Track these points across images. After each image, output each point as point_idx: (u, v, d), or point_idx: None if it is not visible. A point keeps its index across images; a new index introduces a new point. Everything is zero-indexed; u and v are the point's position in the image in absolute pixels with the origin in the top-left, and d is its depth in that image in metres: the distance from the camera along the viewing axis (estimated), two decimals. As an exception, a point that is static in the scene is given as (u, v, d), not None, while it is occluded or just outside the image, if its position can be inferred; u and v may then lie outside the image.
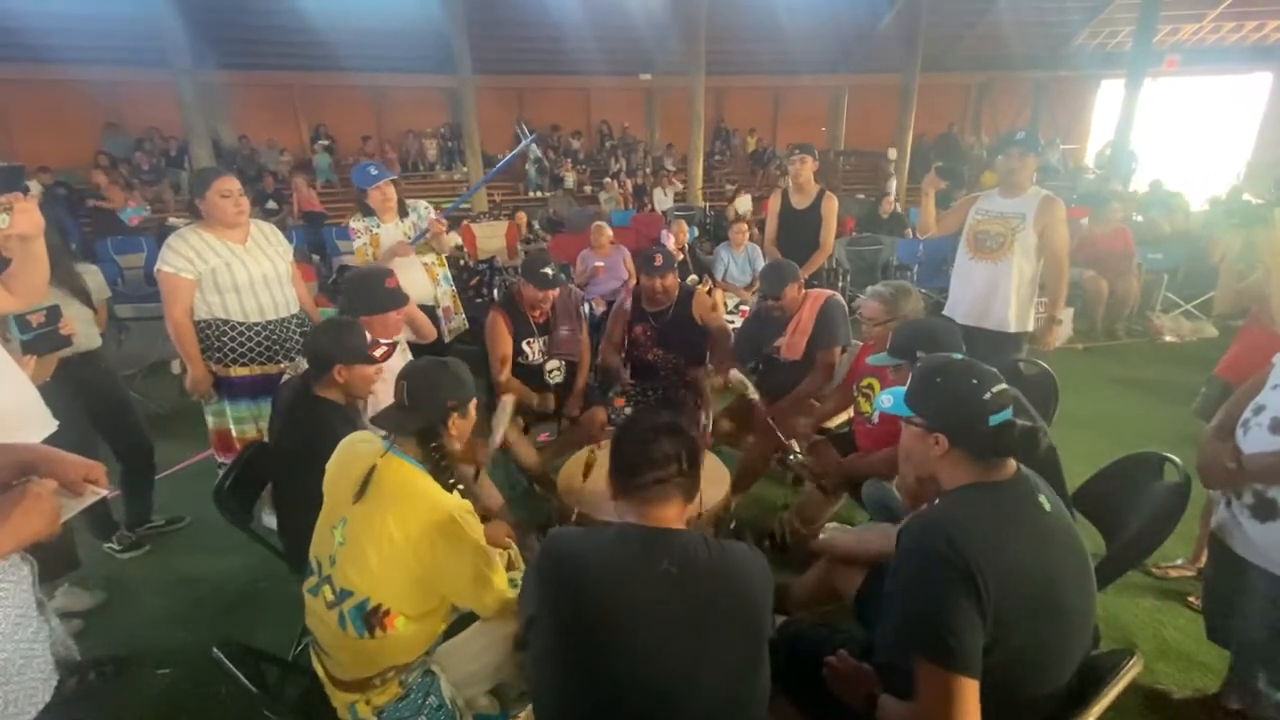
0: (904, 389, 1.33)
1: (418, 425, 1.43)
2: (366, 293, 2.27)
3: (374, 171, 3.01)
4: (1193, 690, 1.92)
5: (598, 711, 1.09)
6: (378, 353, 1.92)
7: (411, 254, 3.01)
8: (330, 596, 1.37)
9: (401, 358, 2.43)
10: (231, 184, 2.43)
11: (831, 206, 3.72)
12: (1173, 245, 6.10)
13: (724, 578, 1.14)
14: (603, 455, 2.24)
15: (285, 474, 1.91)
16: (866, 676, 1.26)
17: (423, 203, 3.24)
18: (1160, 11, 10.48)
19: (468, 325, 3.42)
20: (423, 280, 3.08)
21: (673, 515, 1.21)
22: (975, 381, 1.20)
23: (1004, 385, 1.21)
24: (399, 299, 2.30)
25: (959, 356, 1.30)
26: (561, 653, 1.12)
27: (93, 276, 2.89)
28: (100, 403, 2.57)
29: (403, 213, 3.10)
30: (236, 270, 2.44)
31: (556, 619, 1.13)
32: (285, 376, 2.33)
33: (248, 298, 2.48)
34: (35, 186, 8.05)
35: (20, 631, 1.12)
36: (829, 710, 1.32)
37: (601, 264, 5.15)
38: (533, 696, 1.21)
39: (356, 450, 1.47)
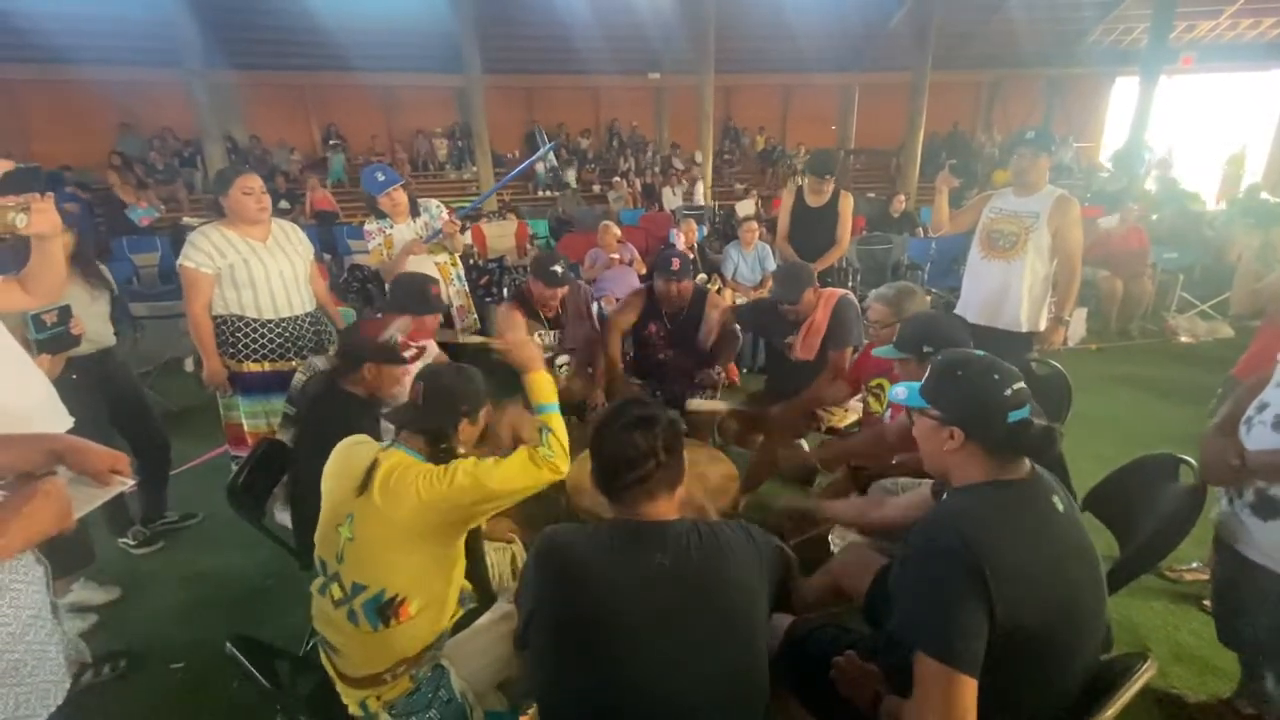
0: (917, 382, 1.32)
1: (429, 426, 1.46)
2: (412, 293, 2.41)
3: (381, 178, 3.04)
4: (1207, 695, 1.90)
5: (600, 705, 1.09)
6: (408, 354, 1.94)
7: (425, 251, 3.03)
8: (339, 594, 1.38)
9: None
10: (254, 181, 2.47)
11: (848, 205, 3.72)
12: (1188, 244, 6.03)
13: (716, 563, 1.15)
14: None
15: (306, 465, 1.92)
16: (874, 677, 1.25)
17: (434, 201, 3.26)
18: (1176, 8, 10.36)
19: (479, 325, 3.43)
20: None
21: (663, 508, 1.20)
22: (997, 378, 1.19)
23: (1023, 383, 1.20)
24: (438, 306, 2.47)
25: (980, 352, 1.29)
26: (562, 649, 1.13)
27: None
28: (119, 399, 2.60)
29: (414, 212, 3.13)
30: (254, 267, 2.48)
31: (555, 616, 1.14)
32: (297, 375, 2.35)
33: (264, 294, 2.51)
34: None
35: (32, 633, 1.13)
36: (837, 710, 1.31)
37: (617, 256, 5.16)
38: (536, 694, 1.22)
39: (354, 451, 1.49)
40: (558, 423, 1.54)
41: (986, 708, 1.04)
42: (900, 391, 1.35)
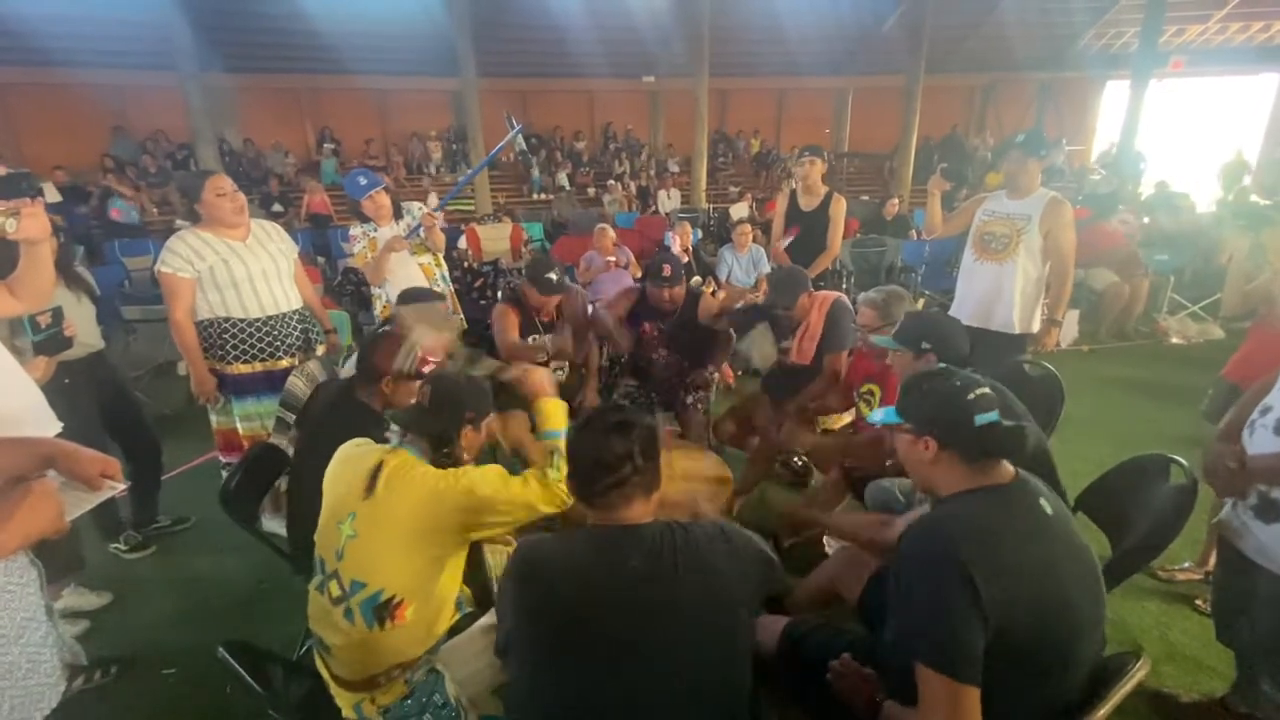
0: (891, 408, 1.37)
1: (433, 429, 1.46)
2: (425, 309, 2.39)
3: (363, 182, 3.06)
4: (1200, 694, 1.91)
5: (577, 714, 1.09)
6: (426, 369, 1.94)
7: (407, 247, 3.05)
8: (337, 591, 1.38)
9: None
10: (224, 182, 2.45)
11: (840, 208, 3.71)
12: (1179, 246, 6.07)
13: (692, 566, 1.14)
14: None
15: (311, 471, 1.91)
16: (869, 681, 1.26)
17: (416, 204, 3.29)
18: (1166, 12, 10.44)
19: (466, 325, 3.44)
20: (419, 279, 3.11)
21: (638, 513, 1.21)
22: (958, 384, 1.24)
23: (988, 389, 1.24)
24: (448, 325, 2.43)
25: (941, 365, 1.32)
26: (539, 659, 1.13)
27: None
28: (111, 403, 2.58)
29: (398, 215, 3.15)
30: (235, 267, 2.45)
31: (531, 626, 1.14)
32: (293, 379, 2.34)
33: (247, 293, 2.49)
34: (51, 192, 8.09)
35: (27, 635, 1.12)
36: (833, 713, 1.32)
37: (613, 258, 5.16)
38: (513, 703, 1.21)
39: (357, 452, 1.50)
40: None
41: (986, 712, 1.04)
42: (878, 414, 1.42)
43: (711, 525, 1.23)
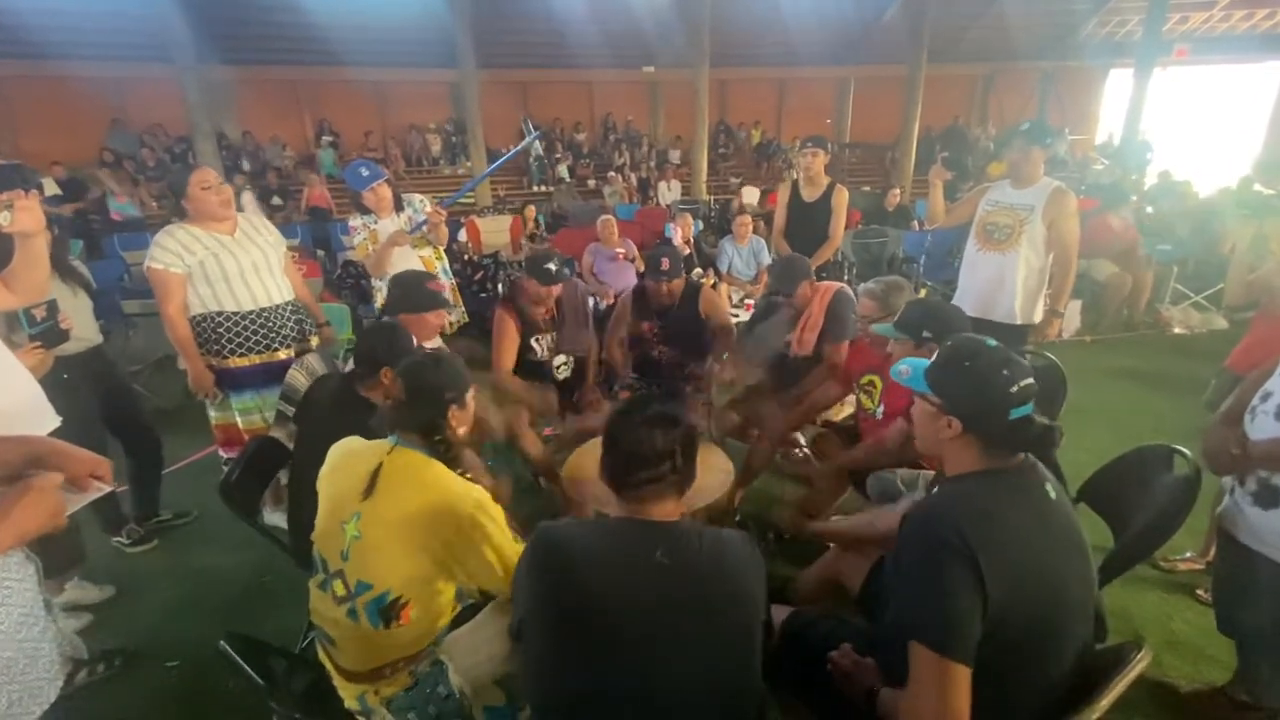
0: (924, 361, 1.29)
1: (419, 421, 1.45)
2: (409, 292, 2.35)
3: (365, 173, 3.04)
4: (1201, 683, 1.92)
5: (589, 701, 1.09)
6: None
7: (409, 243, 3.03)
8: (342, 591, 1.37)
9: None
10: (209, 175, 2.43)
11: (842, 199, 3.70)
12: (1182, 236, 6.03)
13: (717, 569, 1.14)
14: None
15: (312, 467, 1.91)
16: (869, 671, 1.26)
17: (417, 196, 3.26)
18: (1169, 0, 10.36)
19: (468, 318, 3.44)
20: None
21: (668, 509, 1.20)
22: (1006, 373, 1.15)
23: (1032, 380, 1.16)
24: (439, 301, 2.38)
25: (993, 343, 1.23)
26: (554, 643, 1.12)
27: None
28: (110, 397, 2.58)
29: (399, 207, 3.13)
30: (225, 260, 2.43)
31: (548, 610, 1.13)
32: (293, 372, 2.33)
33: (239, 286, 2.48)
34: (51, 186, 8.06)
35: (24, 630, 1.12)
36: (834, 703, 1.32)
37: (623, 250, 5.13)
38: (527, 687, 1.21)
39: (354, 449, 1.49)
40: None
41: (978, 697, 1.04)
42: (904, 370, 1.30)
43: (741, 536, 1.22)
